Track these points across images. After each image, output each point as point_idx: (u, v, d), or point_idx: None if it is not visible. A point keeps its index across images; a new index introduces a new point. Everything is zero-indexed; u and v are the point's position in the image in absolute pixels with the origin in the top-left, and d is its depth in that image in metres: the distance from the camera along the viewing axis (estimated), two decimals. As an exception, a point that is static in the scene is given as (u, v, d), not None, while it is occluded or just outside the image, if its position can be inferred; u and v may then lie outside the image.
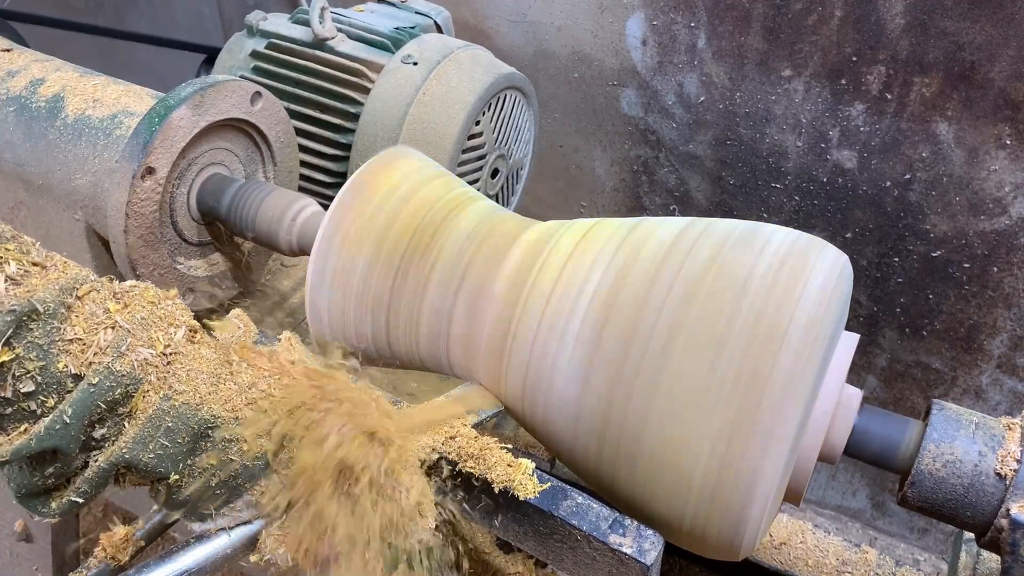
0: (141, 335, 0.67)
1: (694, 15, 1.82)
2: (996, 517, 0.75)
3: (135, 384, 0.65)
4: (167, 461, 0.66)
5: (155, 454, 0.66)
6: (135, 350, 0.66)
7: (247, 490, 0.69)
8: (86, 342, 0.65)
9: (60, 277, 0.67)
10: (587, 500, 0.76)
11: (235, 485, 0.69)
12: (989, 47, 1.55)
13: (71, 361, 0.65)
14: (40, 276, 0.66)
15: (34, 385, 0.64)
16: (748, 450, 0.70)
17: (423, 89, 1.29)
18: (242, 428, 0.68)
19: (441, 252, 0.89)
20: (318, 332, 0.95)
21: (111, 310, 0.67)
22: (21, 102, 1.13)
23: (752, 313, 0.72)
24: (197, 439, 0.67)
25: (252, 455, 0.68)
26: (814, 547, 1.16)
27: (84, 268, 0.70)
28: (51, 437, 0.63)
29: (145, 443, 0.65)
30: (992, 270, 1.75)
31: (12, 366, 0.63)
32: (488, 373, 0.88)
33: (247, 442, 0.68)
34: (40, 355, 0.64)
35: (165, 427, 0.66)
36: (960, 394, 1.92)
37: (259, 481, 0.69)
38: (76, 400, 0.63)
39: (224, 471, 0.68)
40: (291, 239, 1.03)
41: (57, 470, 0.65)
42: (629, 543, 0.72)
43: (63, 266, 0.69)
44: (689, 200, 2.07)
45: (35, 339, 0.63)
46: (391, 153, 0.97)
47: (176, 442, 0.66)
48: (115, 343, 0.65)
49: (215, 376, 0.68)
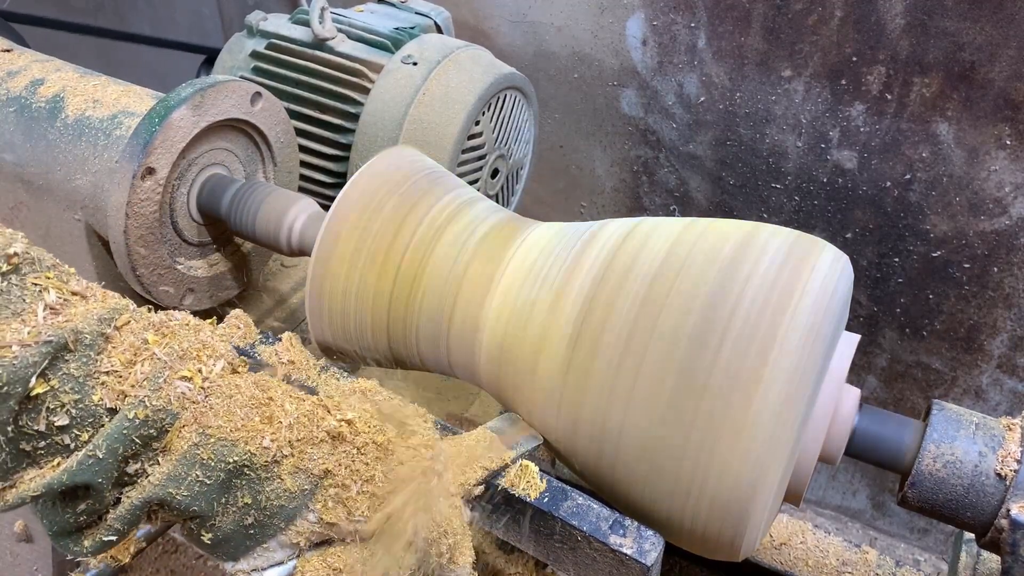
0: (179, 367, 0.65)
1: (694, 15, 1.82)
2: (996, 517, 0.75)
3: (171, 419, 0.63)
4: (201, 499, 0.64)
5: (189, 491, 0.63)
6: (172, 383, 0.64)
7: (282, 530, 0.67)
8: (122, 374, 0.63)
9: (98, 307, 0.65)
10: (587, 500, 0.76)
11: (270, 524, 0.67)
12: (989, 47, 1.55)
13: (107, 394, 0.63)
14: (79, 305, 0.64)
15: (68, 419, 0.62)
16: (748, 450, 0.70)
17: (423, 89, 1.29)
18: (280, 466, 0.65)
19: (441, 254, 0.89)
20: (318, 333, 0.95)
21: (150, 341, 0.65)
22: (21, 102, 1.13)
23: (752, 313, 0.72)
24: (233, 476, 0.65)
25: (289, 494, 0.66)
26: (814, 547, 1.16)
27: (123, 298, 0.68)
28: (83, 472, 0.61)
29: (180, 480, 0.63)
30: (992, 270, 1.75)
31: (46, 398, 0.61)
32: (489, 374, 0.88)
33: (284, 480, 0.66)
34: (76, 388, 0.62)
35: (200, 464, 0.63)
36: (960, 394, 1.92)
37: (294, 521, 0.67)
38: (110, 434, 0.61)
39: (259, 510, 0.66)
40: (291, 240, 1.03)
41: (89, 507, 0.63)
42: (629, 543, 0.72)
43: (102, 296, 0.67)
44: (689, 200, 2.07)
45: (71, 371, 0.62)
46: (391, 153, 0.97)
47: (211, 479, 0.64)
48: (152, 376, 0.64)
49: (254, 412, 0.66)
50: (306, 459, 0.66)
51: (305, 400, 0.69)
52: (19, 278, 0.63)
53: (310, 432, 0.67)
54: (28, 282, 0.64)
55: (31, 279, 0.64)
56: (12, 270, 0.63)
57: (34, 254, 0.65)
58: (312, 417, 0.68)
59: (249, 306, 1.29)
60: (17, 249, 0.64)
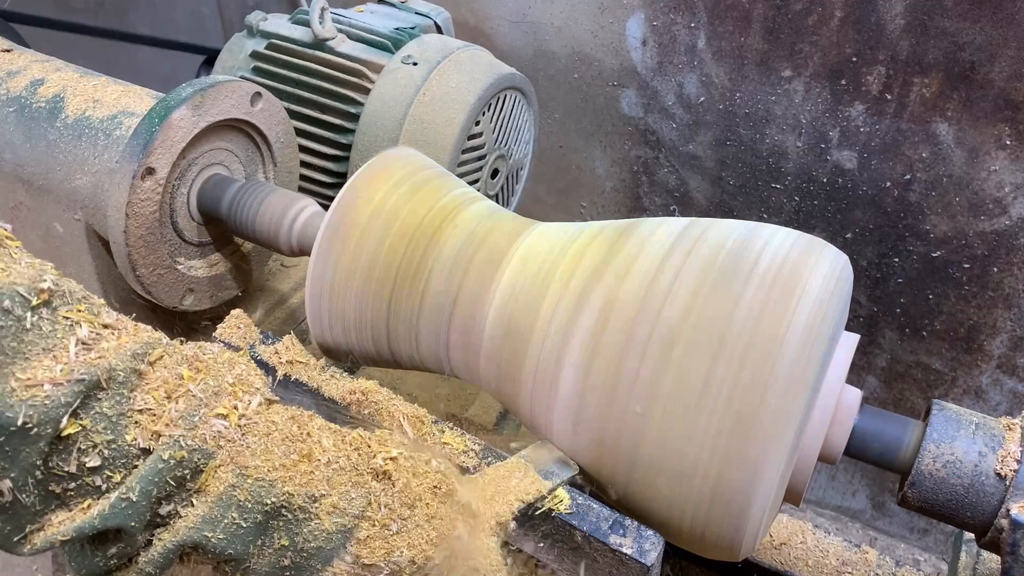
0: (215, 404, 0.62)
1: (694, 15, 1.82)
2: (996, 517, 0.75)
3: (207, 458, 0.61)
4: (237, 541, 0.61)
5: (225, 534, 0.61)
6: (208, 421, 0.61)
7: (319, 571, 0.64)
8: (156, 412, 0.61)
9: (131, 341, 0.62)
10: (587, 500, 0.76)
11: (307, 567, 0.64)
12: (989, 47, 1.55)
13: (140, 433, 0.60)
14: (111, 340, 0.61)
15: (100, 460, 0.59)
16: (748, 450, 0.70)
17: (423, 89, 1.29)
18: (318, 505, 0.63)
19: (441, 254, 0.89)
20: (318, 333, 0.95)
21: (184, 377, 0.63)
22: (21, 102, 1.13)
23: (752, 313, 0.72)
24: (270, 518, 0.62)
25: (327, 535, 0.63)
26: (814, 547, 1.16)
27: (155, 331, 0.66)
28: (116, 516, 0.58)
29: (215, 523, 0.61)
30: (992, 270, 1.75)
31: (78, 439, 0.58)
32: (488, 375, 0.88)
33: (322, 520, 0.63)
34: (108, 427, 0.59)
35: (237, 505, 0.61)
36: (960, 394, 1.92)
37: (331, 562, 0.64)
38: (144, 476, 0.59)
39: (296, 551, 0.63)
40: (291, 240, 1.03)
41: (120, 550, 0.61)
42: (629, 543, 0.72)
43: (133, 329, 0.64)
44: (689, 200, 2.07)
45: (104, 410, 0.59)
46: (391, 154, 0.97)
47: (248, 521, 0.61)
48: (187, 414, 0.61)
49: (292, 449, 0.63)
50: (345, 498, 0.64)
51: (343, 434, 0.67)
52: (50, 312, 0.60)
53: (350, 469, 0.65)
54: (59, 316, 0.60)
55: (63, 312, 0.61)
56: (43, 304, 0.60)
57: (64, 287, 0.62)
58: (350, 454, 0.65)
59: (249, 306, 1.29)
60: (48, 283, 0.60)
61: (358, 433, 0.68)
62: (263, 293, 1.34)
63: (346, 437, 0.67)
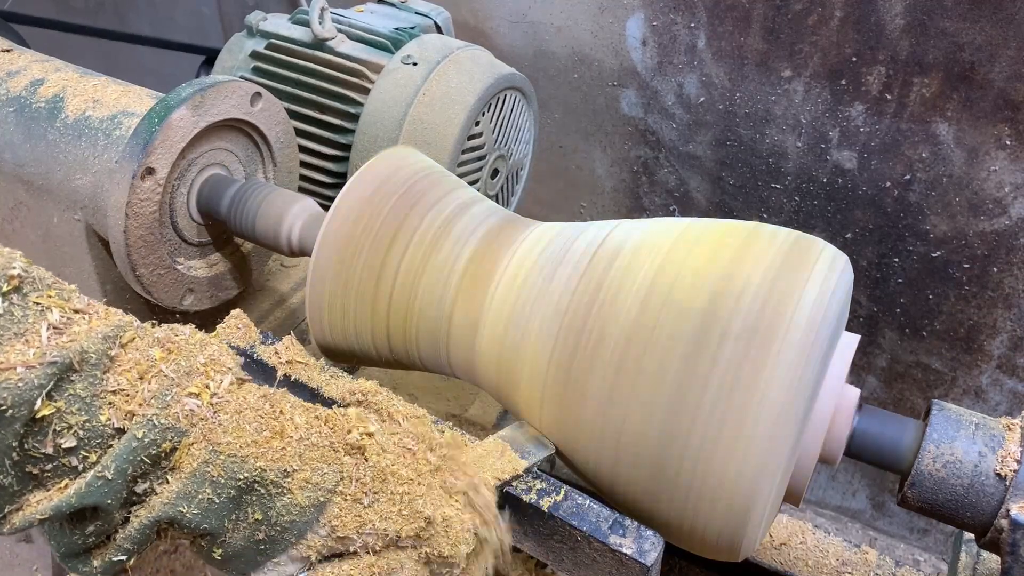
0: (187, 384, 0.64)
1: (694, 15, 1.82)
2: (996, 517, 0.75)
3: (180, 436, 0.62)
4: (212, 516, 0.63)
5: (200, 509, 0.63)
6: (180, 401, 0.63)
7: (293, 544, 0.66)
8: (130, 393, 0.62)
9: (102, 325, 0.63)
10: (587, 500, 0.76)
11: (281, 539, 0.66)
12: (989, 47, 1.55)
13: (114, 414, 0.61)
14: (82, 324, 0.63)
15: (76, 440, 0.60)
16: (748, 450, 0.70)
17: (423, 89, 1.29)
18: (291, 480, 0.64)
19: (441, 254, 0.89)
20: (318, 333, 0.95)
21: (156, 358, 0.64)
22: (21, 102, 1.13)
23: (752, 313, 0.72)
24: (243, 493, 0.64)
25: (300, 508, 0.65)
26: (814, 547, 1.16)
27: (126, 315, 0.67)
28: (92, 494, 0.60)
29: (190, 498, 0.62)
30: (992, 270, 1.75)
31: (53, 420, 0.60)
32: (488, 374, 0.88)
33: (295, 495, 0.65)
34: (82, 408, 0.61)
35: (211, 481, 0.62)
36: (960, 394, 1.92)
37: (306, 535, 0.66)
38: (119, 455, 0.60)
39: (270, 525, 0.65)
40: (291, 240, 1.03)
41: (98, 528, 0.62)
42: (629, 543, 0.72)
43: (104, 313, 0.65)
44: (689, 200, 2.07)
45: (77, 391, 0.60)
46: (391, 154, 0.97)
47: (221, 496, 0.63)
48: (160, 394, 0.63)
49: (264, 426, 0.65)
50: (317, 473, 0.65)
51: (315, 412, 0.68)
52: (20, 298, 0.62)
53: (323, 445, 0.66)
54: (30, 302, 0.62)
55: (33, 298, 0.62)
56: (13, 290, 0.62)
57: (34, 273, 0.64)
58: (323, 430, 0.67)
59: (249, 306, 1.29)
60: (18, 269, 0.62)
61: (332, 411, 0.69)
62: (263, 293, 1.34)
63: (319, 414, 0.68)
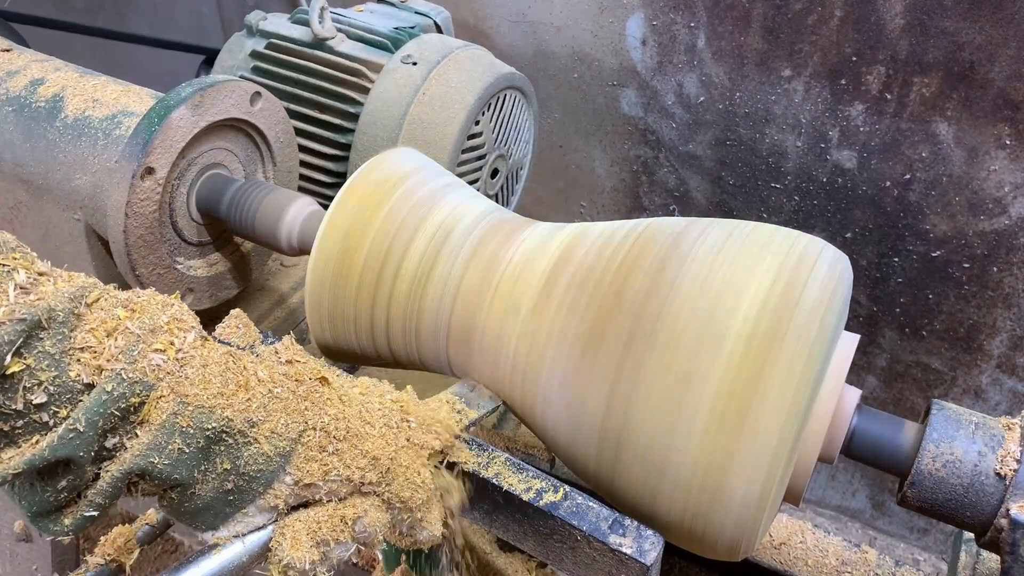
0: (152, 340, 0.66)
1: (694, 15, 1.82)
2: (996, 517, 0.75)
3: (148, 389, 0.64)
4: (182, 466, 0.65)
5: (170, 460, 0.64)
6: (147, 356, 0.65)
7: (261, 494, 0.69)
8: (97, 350, 0.64)
9: (67, 285, 0.65)
10: (587, 500, 0.76)
11: (249, 489, 0.68)
12: (989, 47, 1.55)
13: (83, 369, 0.63)
14: (48, 285, 0.64)
15: (46, 396, 0.62)
16: (748, 450, 0.70)
17: (423, 89, 1.29)
18: (257, 430, 0.67)
19: (440, 253, 0.89)
20: (318, 332, 0.95)
21: (121, 317, 0.66)
22: (21, 102, 1.13)
23: (751, 313, 0.72)
24: (212, 443, 0.66)
25: (266, 457, 0.68)
26: (814, 547, 1.16)
27: (90, 277, 0.69)
28: (64, 446, 0.61)
29: (160, 449, 0.64)
30: (992, 270, 1.75)
31: (23, 377, 0.61)
32: (488, 374, 0.88)
33: (262, 444, 0.67)
34: (52, 364, 0.62)
35: (180, 431, 0.64)
36: (960, 394, 1.93)
37: (273, 485, 0.69)
38: (89, 407, 0.62)
39: (239, 475, 0.67)
40: (291, 239, 1.03)
41: (69, 483, 0.63)
42: (629, 543, 0.72)
43: (68, 276, 0.67)
44: (689, 200, 2.07)
45: (46, 348, 0.62)
46: (391, 153, 0.97)
47: (191, 446, 0.65)
48: (127, 349, 0.64)
49: (229, 378, 0.68)
50: (282, 423, 0.68)
51: (276, 365, 0.71)
52: None
53: (287, 396, 0.69)
54: None
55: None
56: None
57: None
58: (285, 382, 0.70)
59: (249, 306, 1.29)
60: None
61: (293, 365, 0.72)
62: (263, 293, 1.34)
63: (283, 369, 0.72)
